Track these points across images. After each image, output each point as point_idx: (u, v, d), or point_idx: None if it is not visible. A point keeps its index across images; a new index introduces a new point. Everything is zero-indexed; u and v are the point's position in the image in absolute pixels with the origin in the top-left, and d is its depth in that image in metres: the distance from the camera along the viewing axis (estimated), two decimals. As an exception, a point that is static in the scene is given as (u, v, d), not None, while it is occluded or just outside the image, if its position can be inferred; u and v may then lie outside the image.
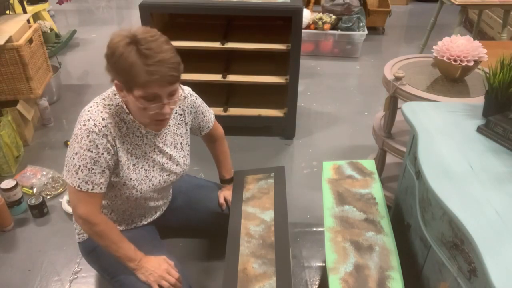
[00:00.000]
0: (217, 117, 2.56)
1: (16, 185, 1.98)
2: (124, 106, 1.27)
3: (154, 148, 1.37)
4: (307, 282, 1.71)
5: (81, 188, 1.24)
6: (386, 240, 1.25)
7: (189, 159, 1.51)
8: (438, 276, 1.16)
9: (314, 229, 1.96)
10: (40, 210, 1.99)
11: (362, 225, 1.30)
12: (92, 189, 1.25)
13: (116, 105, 1.27)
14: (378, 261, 1.19)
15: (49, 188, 2.15)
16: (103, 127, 1.22)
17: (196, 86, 2.65)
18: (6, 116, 2.33)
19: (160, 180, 1.40)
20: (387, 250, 1.22)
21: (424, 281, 1.26)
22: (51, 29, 3.62)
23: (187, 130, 1.49)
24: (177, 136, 1.44)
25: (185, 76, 2.45)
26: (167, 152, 1.40)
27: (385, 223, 1.31)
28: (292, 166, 2.38)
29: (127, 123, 1.29)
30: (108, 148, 1.24)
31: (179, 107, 1.44)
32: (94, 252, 1.45)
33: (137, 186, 1.34)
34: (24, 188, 2.13)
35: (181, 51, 2.79)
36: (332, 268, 1.17)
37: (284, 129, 2.58)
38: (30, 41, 2.45)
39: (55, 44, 3.65)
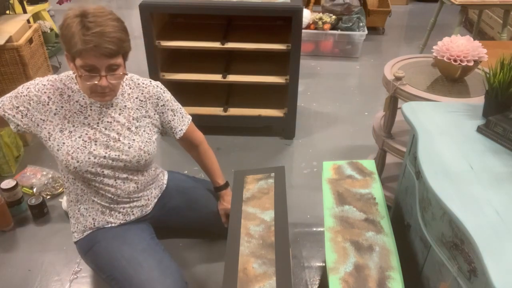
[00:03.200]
0: (217, 117, 2.60)
1: (16, 185, 1.99)
2: (74, 77, 1.36)
3: (99, 122, 1.38)
4: (307, 282, 1.71)
5: None
6: (386, 240, 1.25)
7: (151, 148, 1.45)
8: (438, 276, 1.16)
9: (314, 229, 1.96)
10: (40, 210, 1.99)
11: (362, 225, 1.30)
12: None
13: (68, 75, 1.37)
14: (378, 261, 1.19)
15: (49, 188, 2.15)
16: (42, 85, 1.36)
17: (196, 86, 2.68)
18: (6, 116, 2.33)
19: (106, 156, 1.37)
20: (387, 250, 1.22)
21: (424, 281, 1.26)
22: (51, 29, 3.62)
23: (145, 117, 1.46)
24: (133, 119, 1.43)
25: (185, 76, 2.46)
26: (114, 130, 1.39)
27: (385, 223, 1.31)
28: (292, 166, 2.38)
29: (73, 91, 1.36)
30: (32, 99, 1.34)
31: (142, 93, 1.45)
32: (91, 251, 1.45)
33: (72, 153, 1.34)
34: (24, 188, 2.13)
35: (181, 51, 2.81)
36: (332, 268, 1.17)
37: (284, 129, 2.58)
38: (30, 41, 2.45)
39: (55, 44, 3.65)
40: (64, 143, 1.34)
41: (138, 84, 1.46)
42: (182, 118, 1.57)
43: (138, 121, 1.44)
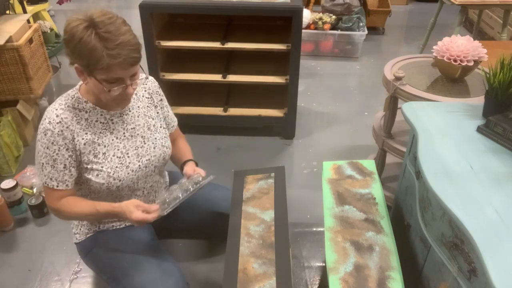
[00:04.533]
0: (217, 117, 2.60)
1: (16, 185, 1.99)
2: (80, 96, 1.30)
3: (124, 133, 1.36)
4: (307, 282, 1.71)
5: (48, 185, 1.30)
6: (386, 240, 1.25)
7: (168, 142, 1.48)
8: (438, 276, 1.16)
9: (314, 229, 1.96)
10: (40, 210, 1.99)
11: (362, 225, 1.30)
12: (57, 186, 1.29)
13: (72, 97, 1.30)
14: (378, 261, 1.19)
15: (49, 188, 2.15)
16: (57, 123, 1.25)
17: (196, 86, 2.68)
18: (6, 116, 2.34)
19: (140, 165, 1.37)
20: (387, 250, 1.22)
21: (424, 281, 1.26)
22: (51, 29, 3.62)
23: (158, 113, 1.47)
24: (149, 118, 1.43)
25: (185, 76, 2.46)
26: (139, 134, 1.39)
27: (385, 223, 1.31)
28: (292, 166, 2.38)
29: (88, 112, 1.30)
30: (65, 144, 1.26)
31: (145, 90, 1.45)
32: (91, 253, 1.44)
33: (113, 174, 1.32)
34: (24, 188, 2.13)
35: (181, 51, 2.80)
36: (332, 268, 1.17)
37: (284, 129, 2.58)
38: (30, 41, 2.45)
39: (55, 44, 3.65)
40: (102, 167, 1.31)
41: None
42: (173, 116, 1.60)
43: (153, 119, 1.45)
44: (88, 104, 1.30)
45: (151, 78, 1.50)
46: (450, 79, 1.75)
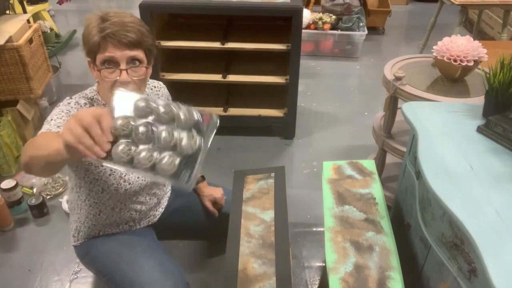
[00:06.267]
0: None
1: (16, 185, 1.98)
2: (100, 98, 1.29)
3: None
4: (307, 282, 1.71)
5: (42, 130, 1.14)
6: (386, 240, 1.25)
7: None
8: (438, 276, 1.16)
9: (314, 229, 1.96)
10: (40, 210, 1.99)
11: (362, 225, 1.30)
12: (51, 130, 1.13)
13: (91, 98, 1.29)
14: (378, 261, 1.19)
15: (49, 188, 2.15)
16: (83, 104, 1.25)
17: (196, 86, 2.67)
18: (6, 116, 2.33)
19: None
20: (387, 250, 1.22)
21: (424, 281, 1.26)
22: (51, 29, 3.62)
23: None
24: None
25: (185, 76, 2.46)
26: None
27: (385, 223, 1.31)
28: (292, 166, 2.38)
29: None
30: None
31: (157, 97, 1.43)
32: (89, 255, 1.43)
33: (125, 175, 1.31)
34: (24, 188, 2.13)
35: (181, 51, 2.80)
36: (332, 268, 1.17)
37: (284, 129, 2.58)
38: (30, 41, 2.45)
39: (55, 44, 3.65)
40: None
41: (152, 87, 1.46)
42: None
43: None
44: (102, 104, 1.29)
45: (162, 84, 1.50)
46: (450, 79, 1.75)
